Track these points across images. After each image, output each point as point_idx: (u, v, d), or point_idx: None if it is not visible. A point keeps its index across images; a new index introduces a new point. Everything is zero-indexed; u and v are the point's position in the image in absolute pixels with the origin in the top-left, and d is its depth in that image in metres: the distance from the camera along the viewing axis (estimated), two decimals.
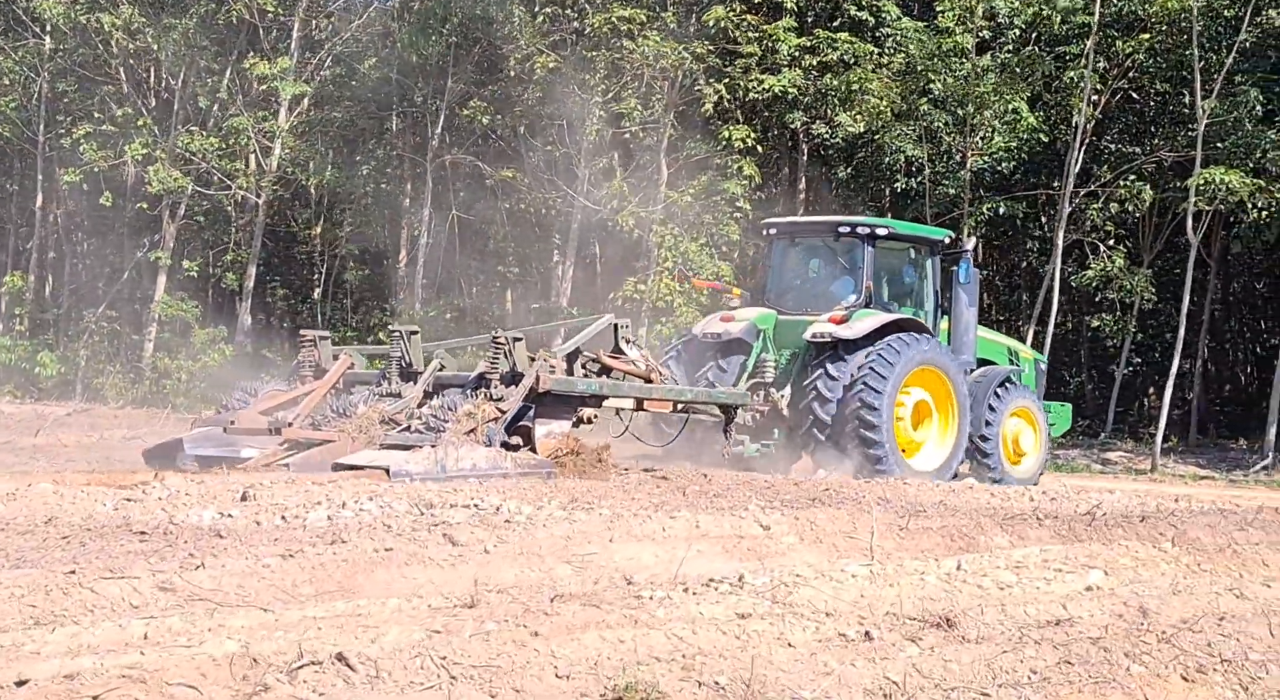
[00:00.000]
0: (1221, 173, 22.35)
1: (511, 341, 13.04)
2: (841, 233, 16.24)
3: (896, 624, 6.43)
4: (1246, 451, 25.81)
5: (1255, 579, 8.51)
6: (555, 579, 7.71)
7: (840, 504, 12.01)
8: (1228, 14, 23.82)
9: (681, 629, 5.83)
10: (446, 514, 9.59)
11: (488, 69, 29.29)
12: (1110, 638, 6.30)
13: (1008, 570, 8.51)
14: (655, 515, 9.75)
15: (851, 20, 27.11)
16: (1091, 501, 13.44)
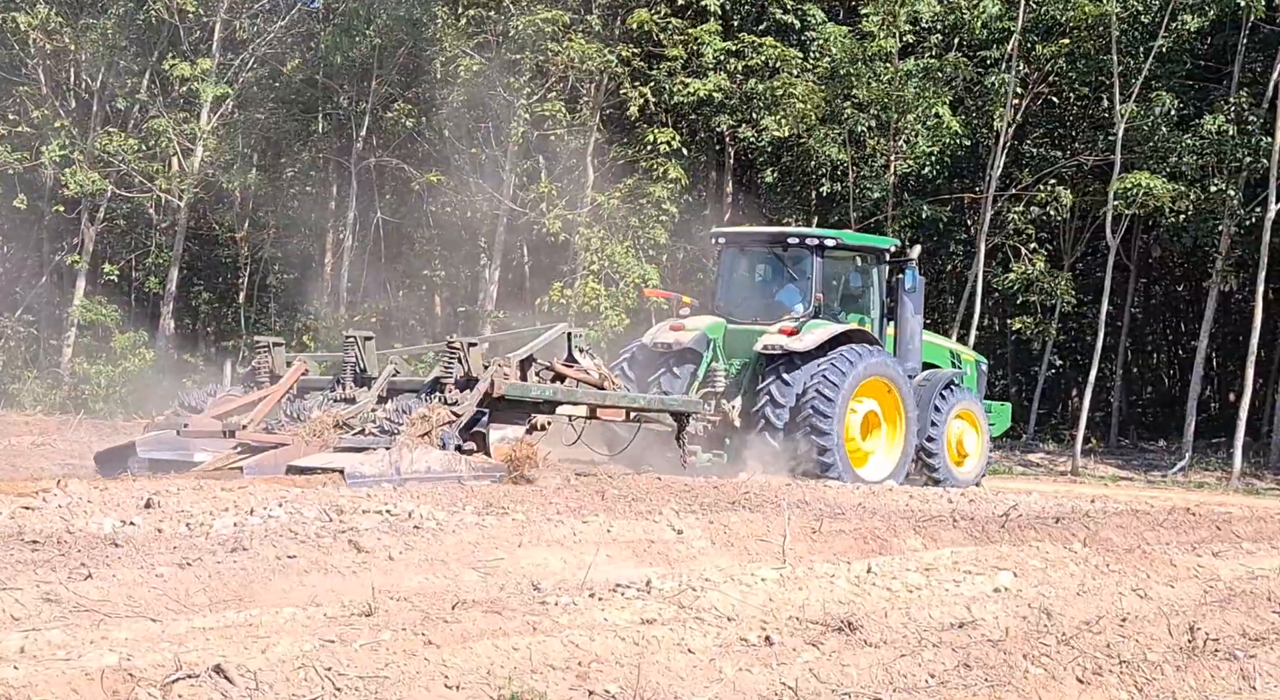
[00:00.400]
0: (1146, 178, 22.65)
1: (466, 346, 13.20)
2: (790, 243, 16.60)
3: (799, 628, 6.39)
4: (1166, 453, 26.14)
5: (1160, 579, 8.57)
6: (461, 586, 7.61)
7: (759, 507, 12.01)
8: (1145, 19, 24.12)
9: (579, 636, 5.76)
10: (356, 520, 9.46)
11: (412, 71, 29.06)
12: (1010, 640, 6.31)
13: (918, 573, 8.51)
14: (567, 520, 9.68)
15: (777, 24, 27.17)
16: (1008, 503, 13.53)
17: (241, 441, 12.82)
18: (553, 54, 25.83)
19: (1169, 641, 6.60)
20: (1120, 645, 6.41)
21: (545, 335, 14.49)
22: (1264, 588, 8.23)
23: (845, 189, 25.70)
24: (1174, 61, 24.62)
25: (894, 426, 16.29)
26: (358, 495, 11.04)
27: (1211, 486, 21.20)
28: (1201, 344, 25.33)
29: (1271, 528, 12.10)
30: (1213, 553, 10.32)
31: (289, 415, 13.46)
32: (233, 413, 13.49)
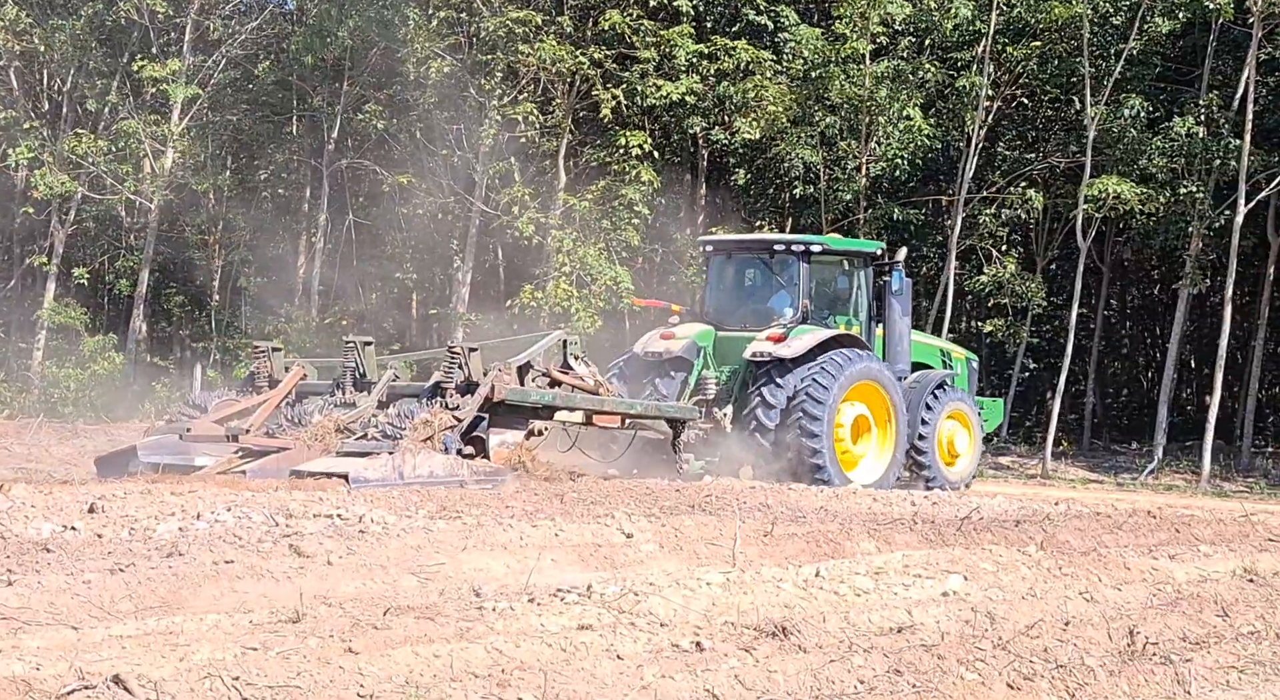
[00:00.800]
0: (1115, 182, 22.64)
1: (467, 352, 13.35)
2: (777, 250, 16.79)
3: (733, 633, 6.31)
4: (1137, 456, 26.14)
5: (1110, 582, 8.51)
6: (398, 591, 7.52)
7: (719, 511, 11.92)
8: (1116, 21, 24.12)
9: (503, 643, 5.67)
10: (303, 525, 9.35)
11: (384, 73, 28.94)
12: (946, 645, 6.24)
13: (867, 576, 8.44)
14: (516, 523, 9.58)
15: (750, 25, 27.11)
16: (970, 506, 13.46)
17: (243, 445, 12.95)
18: (524, 55, 25.72)
19: (1109, 646, 6.53)
20: (1058, 650, 6.34)
21: (542, 342, 14.74)
22: (1212, 591, 8.17)
23: (818, 191, 25.64)
24: (1145, 64, 24.62)
25: (884, 430, 16.46)
26: (309, 499, 10.95)
27: (1181, 489, 21.18)
28: (1173, 346, 25.33)
29: (1231, 530, 12.05)
30: (1169, 555, 10.24)
31: (290, 419, 13.62)
32: (233, 417, 13.67)
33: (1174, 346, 25.31)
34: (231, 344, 29.08)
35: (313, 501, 10.77)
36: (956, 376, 18.23)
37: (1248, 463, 24.93)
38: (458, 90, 26.96)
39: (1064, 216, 26.05)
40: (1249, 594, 8.29)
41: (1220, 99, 23.65)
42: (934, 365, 18.09)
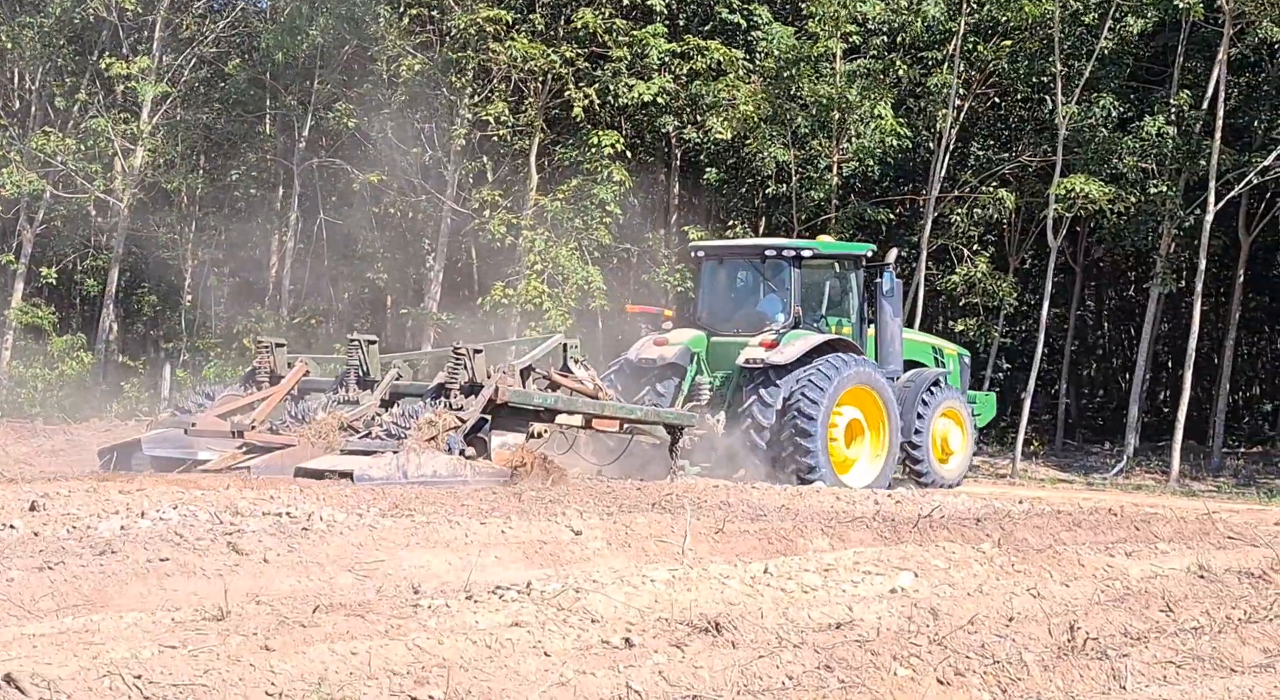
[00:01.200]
0: (1083, 181, 22.62)
1: (471, 353, 13.49)
2: (768, 255, 16.88)
3: (666, 630, 6.21)
4: (1108, 455, 26.12)
5: (1060, 578, 8.43)
6: (334, 588, 7.40)
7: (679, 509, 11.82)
8: (1087, 20, 24.10)
9: (427, 640, 5.56)
10: (248, 522, 9.22)
11: (355, 71, 28.79)
12: (880, 640, 6.14)
13: (816, 573, 8.35)
14: (464, 521, 9.46)
15: (723, 23, 27.03)
16: (933, 504, 13.39)
17: (247, 441, 13.04)
18: (495, 54, 25.60)
19: (1048, 641, 6.45)
20: (996, 645, 6.26)
21: (543, 345, 14.97)
22: (1161, 587, 8.11)
23: (790, 190, 25.57)
24: (1116, 63, 24.61)
25: (877, 433, 16.56)
26: (260, 497, 10.83)
27: (1150, 489, 21.15)
28: (1143, 346, 25.32)
29: (1191, 528, 11.99)
30: (1126, 553, 10.17)
31: (294, 416, 13.62)
32: (235, 412, 13.79)
33: (1145, 346, 25.31)
34: (202, 344, 28.89)
35: (263, 500, 10.65)
36: (949, 374, 18.39)
37: (1218, 462, 24.93)
38: (429, 89, 26.83)
39: (1036, 216, 26.02)
40: (1198, 589, 8.23)
41: (1191, 98, 23.64)
42: (926, 363, 18.24)
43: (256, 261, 31.12)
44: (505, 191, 27.09)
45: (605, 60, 26.25)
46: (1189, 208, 23.52)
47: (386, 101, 27.24)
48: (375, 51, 26.97)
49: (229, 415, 13.70)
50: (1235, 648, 6.37)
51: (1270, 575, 8.72)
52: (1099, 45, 23.48)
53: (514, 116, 26.51)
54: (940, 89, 24.04)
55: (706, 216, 28.77)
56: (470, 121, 26.56)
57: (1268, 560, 9.49)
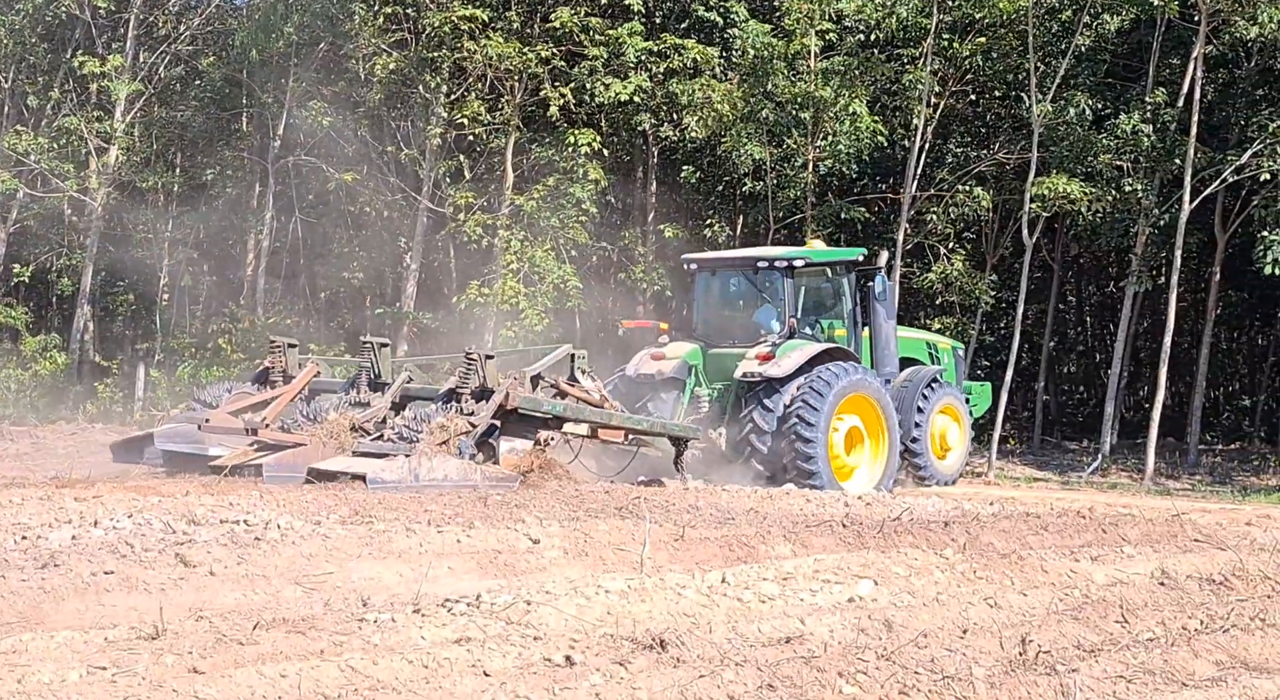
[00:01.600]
0: (1064, 181, 22.58)
1: (483, 359, 13.75)
2: (761, 266, 17.00)
3: (611, 646, 6.11)
4: (1085, 453, 26.09)
5: (1018, 587, 8.36)
6: (280, 602, 7.29)
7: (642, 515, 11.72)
8: (1063, 18, 24.02)
9: (362, 660, 5.45)
10: (202, 532, 9.10)
11: (330, 69, 28.62)
12: (829, 656, 6.05)
13: (774, 582, 8.27)
14: (421, 529, 9.36)
15: (700, 21, 26.91)
16: (902, 507, 13.31)
17: (260, 439, 13.24)
18: (470, 53, 25.45)
19: (1000, 654, 6.36)
20: (946, 659, 6.17)
21: (552, 354, 15.01)
22: (1120, 595, 8.03)
23: (766, 188, 25.47)
24: (1092, 61, 24.54)
25: (876, 439, 16.68)
26: (218, 503, 10.71)
27: (1125, 487, 21.10)
28: (1119, 344, 25.27)
29: (1159, 530, 11.90)
30: (1092, 557, 10.08)
31: (305, 416, 13.85)
32: (248, 409, 14.12)
33: (1121, 344, 25.26)
34: (176, 344, 28.71)
35: (221, 506, 10.54)
36: (945, 370, 18.58)
37: (1195, 460, 24.91)
38: (404, 87, 26.67)
39: (1013, 214, 25.95)
40: (1158, 597, 8.16)
41: (1167, 96, 23.59)
42: (921, 359, 18.45)
43: (232, 260, 30.94)
44: (481, 191, 26.94)
45: (582, 58, 26.11)
46: (1165, 205, 23.47)
47: (361, 99, 27.08)
48: (350, 49, 26.80)
49: (241, 412, 14.01)
50: (1188, 660, 6.29)
51: (1231, 581, 8.65)
52: (1074, 42, 23.40)
53: (490, 115, 26.36)
54: (915, 86, 23.95)
55: (684, 215, 28.65)
56: (445, 120, 26.41)
57: (1231, 565, 9.42)
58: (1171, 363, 23.66)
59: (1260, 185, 22.50)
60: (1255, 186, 22.79)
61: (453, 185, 26.93)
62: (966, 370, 19.88)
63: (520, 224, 26.09)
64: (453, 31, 25.45)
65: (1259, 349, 34.40)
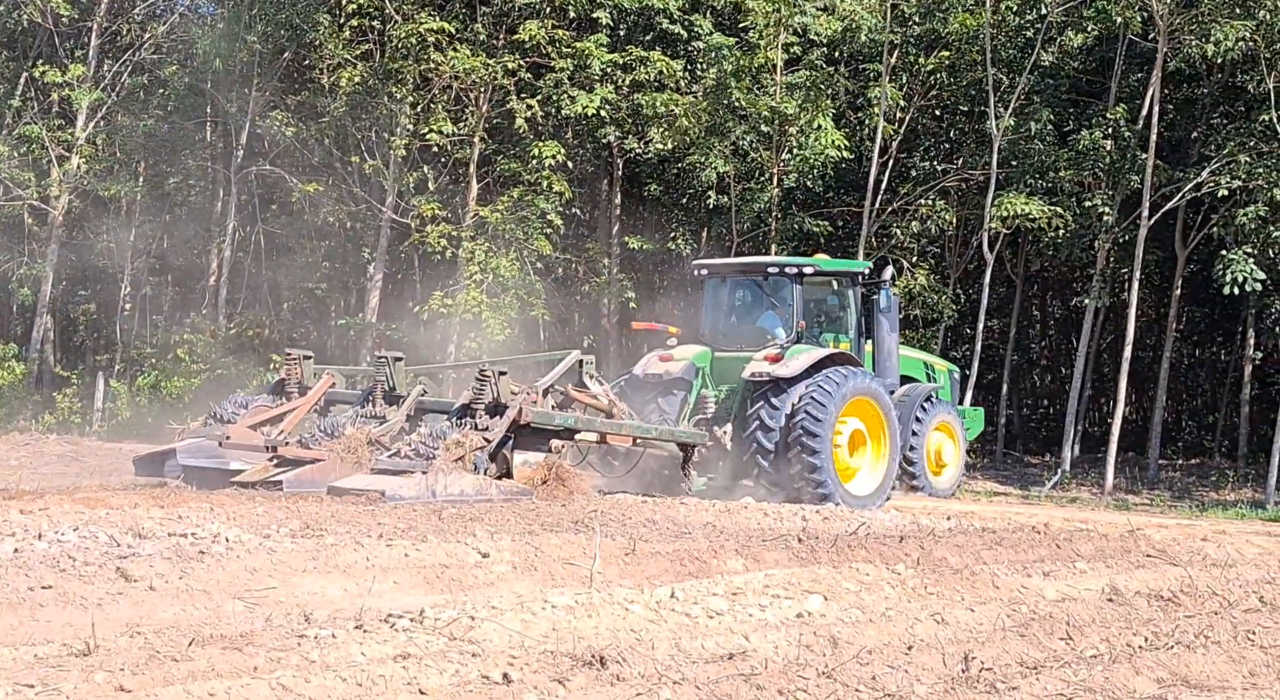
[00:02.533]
0: (1023, 201, 22.71)
1: (496, 375, 14.00)
2: (770, 272, 17.32)
3: (550, 663, 6.05)
4: (1047, 467, 26.17)
5: (968, 603, 8.35)
6: (220, 617, 7.20)
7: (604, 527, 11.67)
8: (1028, 34, 24.14)
9: (294, 678, 5.38)
10: (144, 545, 9.00)
11: (294, 79, 28.50)
12: (770, 673, 6.01)
13: (723, 598, 8.23)
14: (369, 542, 9.28)
15: (664, 34, 26.93)
16: (859, 522, 13.30)
17: (280, 455, 13.43)
18: (436, 64, 25.40)
19: (942, 671, 6.34)
20: (888, 677, 6.14)
21: (562, 364, 15.28)
22: (1068, 612, 8.02)
23: (731, 202, 25.50)
24: (1055, 77, 24.67)
25: (879, 443, 16.91)
26: (167, 516, 10.61)
27: (1084, 502, 21.16)
28: (1080, 358, 25.38)
29: (1113, 546, 11.94)
30: (1043, 573, 10.10)
31: (323, 431, 13.97)
32: (266, 423, 14.37)
33: (1082, 358, 25.37)
34: (137, 354, 28.50)
35: (169, 519, 10.44)
36: (941, 388, 18.90)
37: (1155, 475, 25.02)
38: (369, 98, 26.58)
39: (976, 228, 26.06)
40: (1106, 614, 8.15)
41: (1128, 112, 23.73)
42: (919, 378, 18.73)
43: (195, 270, 30.76)
44: (445, 202, 26.86)
45: (548, 71, 26.08)
46: (1126, 221, 23.59)
47: (325, 110, 26.97)
48: (314, 59, 26.69)
49: (260, 426, 14.29)
50: (1129, 678, 6.28)
51: (1179, 598, 8.67)
52: (1033, 59, 23.53)
53: (455, 127, 26.30)
54: (879, 101, 24.03)
55: (648, 228, 28.64)
56: (410, 131, 26.34)
57: (1181, 581, 9.44)
58: (1133, 378, 23.81)
59: (1220, 202, 22.66)
60: (1215, 204, 22.94)
61: (417, 196, 26.83)
62: (959, 393, 19.99)
63: (485, 235, 26.03)
64: (419, 43, 25.40)
65: (1220, 365, 34.60)
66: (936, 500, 18.26)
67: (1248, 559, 11.76)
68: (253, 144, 28.84)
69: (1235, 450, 28.37)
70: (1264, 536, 14.50)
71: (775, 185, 25.05)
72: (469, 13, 26.63)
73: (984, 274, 24.12)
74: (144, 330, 30.40)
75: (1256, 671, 6.62)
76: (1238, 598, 9.05)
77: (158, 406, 26.31)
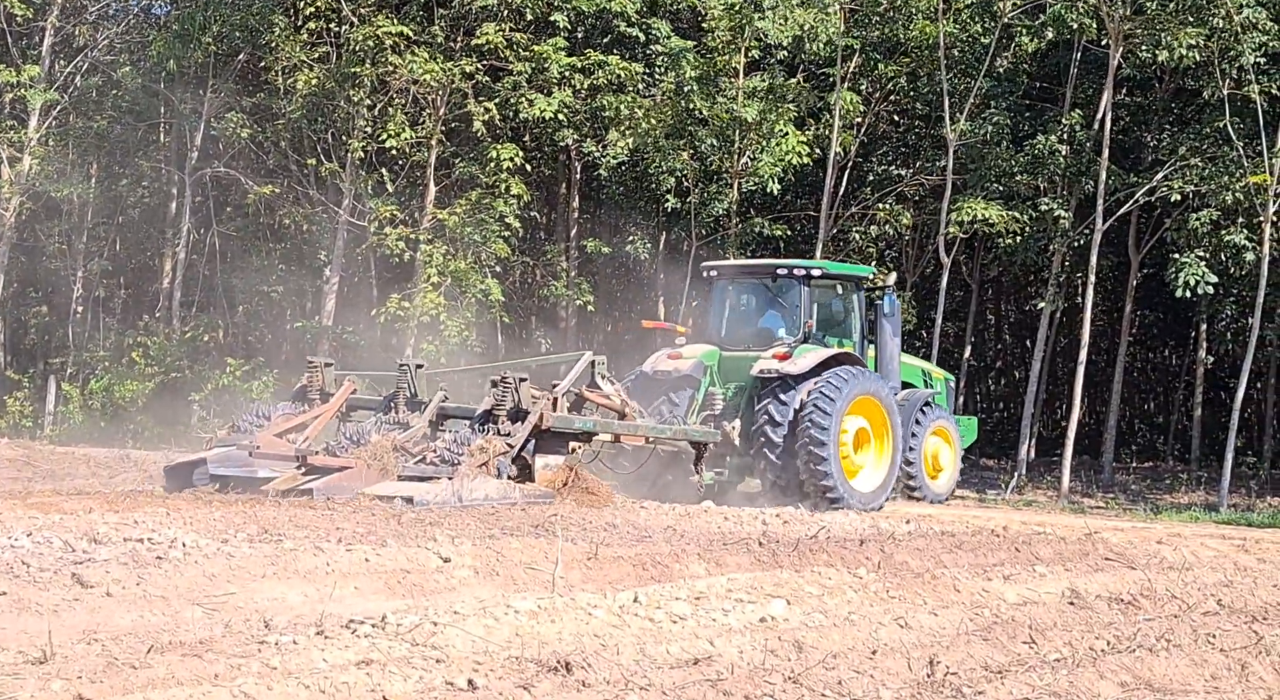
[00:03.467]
0: (981, 206, 22.84)
1: (518, 381, 14.33)
2: (779, 274, 17.58)
3: (515, 669, 6.01)
4: (1004, 471, 26.33)
5: (930, 607, 8.36)
6: (179, 624, 7.10)
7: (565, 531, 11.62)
8: (985, 41, 24.30)
9: (256, 685, 5.31)
10: (100, 550, 8.88)
11: (250, 81, 28.27)
12: (736, 679, 5.99)
13: (686, 602, 8.20)
14: (329, 547, 9.19)
15: (622, 37, 26.91)
16: (819, 525, 13.32)
17: (308, 463, 13.60)
18: (394, 67, 25.26)
19: (907, 676, 6.34)
20: (854, 681, 6.14)
21: (577, 366, 15.49)
22: (1030, 615, 8.05)
23: (689, 206, 25.50)
24: (1011, 82, 24.83)
25: (881, 441, 17.25)
26: (123, 521, 10.48)
27: (1040, 505, 21.29)
28: (1036, 363, 25.55)
29: (1071, 549, 12.00)
30: (1004, 576, 10.14)
31: (350, 438, 14.21)
32: (293, 430, 14.60)
33: (1038, 362, 25.54)
34: (89, 357, 28.19)
35: (125, 524, 10.30)
36: (939, 394, 19.26)
37: (1109, 478, 25.21)
38: (326, 100, 26.40)
39: (933, 232, 26.19)
40: (1067, 618, 8.18)
41: (1082, 117, 23.91)
42: (916, 384, 19.06)
43: (148, 272, 30.46)
44: (403, 205, 26.72)
45: (505, 74, 26.00)
46: (1081, 225, 23.78)
47: (281, 112, 26.77)
48: (270, 61, 26.49)
49: (286, 433, 14.50)
50: (1093, 682, 6.30)
51: (1139, 601, 8.72)
52: (991, 63, 23.67)
53: (412, 130, 26.17)
54: (837, 106, 24.10)
55: (607, 231, 28.61)
56: (367, 134, 26.18)
57: (1139, 585, 9.50)
58: (1088, 382, 23.98)
59: (1172, 207, 22.86)
60: (1167, 208, 23.15)
61: (374, 198, 26.69)
62: (954, 400, 20.31)
63: (442, 238, 25.92)
64: (377, 46, 25.26)
65: (1173, 368, 34.94)
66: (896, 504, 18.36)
67: (1204, 562, 11.85)
68: (207, 146, 28.60)
69: (1188, 453, 28.65)
70: (1218, 539, 14.64)
71: (734, 189, 25.08)
72: (426, 16, 26.50)
73: (941, 278, 24.23)
74: (96, 333, 30.07)
75: (1218, 675, 6.66)
76: (1196, 601, 9.11)
77: (111, 410, 26.05)
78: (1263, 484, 24.84)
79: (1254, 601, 9.29)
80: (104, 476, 16.32)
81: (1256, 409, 31.76)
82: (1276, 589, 9.96)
